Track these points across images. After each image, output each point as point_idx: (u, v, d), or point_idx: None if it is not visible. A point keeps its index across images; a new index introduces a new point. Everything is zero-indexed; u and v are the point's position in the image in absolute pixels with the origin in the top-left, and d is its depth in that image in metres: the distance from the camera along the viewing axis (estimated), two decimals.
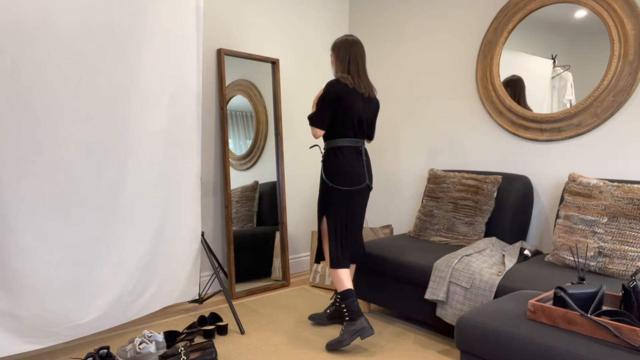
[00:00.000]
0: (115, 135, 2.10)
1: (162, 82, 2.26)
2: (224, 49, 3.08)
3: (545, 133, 2.66)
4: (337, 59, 2.41)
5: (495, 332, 1.53)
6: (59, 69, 1.90)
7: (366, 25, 3.75)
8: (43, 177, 1.90)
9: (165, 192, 2.34)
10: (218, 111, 3.11)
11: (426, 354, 2.24)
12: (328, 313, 2.61)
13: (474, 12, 3.02)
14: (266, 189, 3.31)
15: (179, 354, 2.01)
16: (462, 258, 2.30)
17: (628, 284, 1.46)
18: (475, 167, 3.05)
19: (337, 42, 2.42)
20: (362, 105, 2.38)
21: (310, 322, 2.63)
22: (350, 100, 2.33)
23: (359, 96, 2.37)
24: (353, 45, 2.39)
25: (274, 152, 3.35)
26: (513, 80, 2.81)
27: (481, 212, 2.63)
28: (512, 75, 2.81)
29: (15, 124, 1.81)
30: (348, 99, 2.33)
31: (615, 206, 2.11)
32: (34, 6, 1.81)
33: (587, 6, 2.46)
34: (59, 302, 1.98)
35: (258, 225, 3.27)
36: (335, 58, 2.42)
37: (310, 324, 2.60)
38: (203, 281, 3.06)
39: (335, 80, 2.35)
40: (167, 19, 2.24)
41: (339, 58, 2.41)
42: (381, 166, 3.67)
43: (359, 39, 2.54)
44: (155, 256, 2.32)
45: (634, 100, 2.34)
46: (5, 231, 1.82)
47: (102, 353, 1.97)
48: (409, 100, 3.44)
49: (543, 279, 2.01)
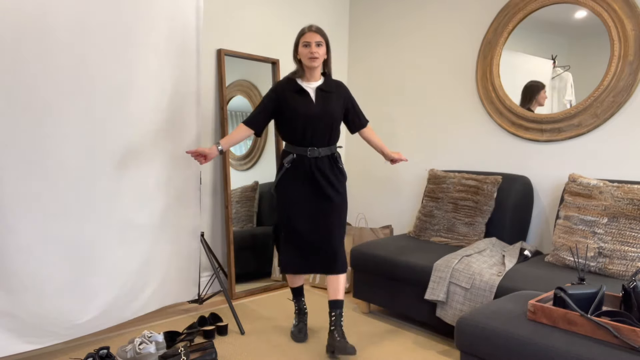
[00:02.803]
0: (115, 136, 2.10)
1: (162, 82, 2.26)
2: (224, 49, 3.08)
3: (545, 133, 2.66)
4: (328, 52, 2.26)
5: (495, 333, 1.53)
6: (58, 69, 1.90)
7: (366, 25, 3.75)
8: (42, 177, 1.90)
9: (165, 192, 2.34)
10: (218, 111, 3.11)
11: (426, 354, 2.24)
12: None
13: (474, 12, 3.02)
14: (266, 189, 3.31)
15: (179, 354, 2.01)
16: (462, 258, 2.30)
17: (628, 284, 1.46)
18: (475, 168, 3.05)
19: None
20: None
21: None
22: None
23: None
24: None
25: (274, 152, 3.35)
26: (530, 85, 2.74)
27: (481, 213, 2.63)
28: (531, 81, 2.74)
29: (15, 124, 1.81)
30: None
31: (615, 207, 2.10)
32: (34, 6, 1.81)
33: (587, 6, 2.46)
34: (58, 302, 1.98)
35: (258, 226, 3.27)
36: (328, 51, 2.26)
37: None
38: (203, 281, 3.06)
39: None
40: (167, 19, 2.24)
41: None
42: (381, 166, 3.67)
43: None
44: (155, 256, 2.32)
45: (634, 100, 2.34)
46: (5, 231, 1.82)
47: (102, 353, 1.97)
48: (409, 100, 3.44)
49: (543, 280, 2.01)
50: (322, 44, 2.18)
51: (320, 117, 2.20)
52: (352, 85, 3.89)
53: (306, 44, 2.17)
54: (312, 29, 2.17)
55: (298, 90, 2.22)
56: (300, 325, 2.44)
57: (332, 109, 2.23)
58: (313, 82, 2.25)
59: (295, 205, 2.25)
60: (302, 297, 2.50)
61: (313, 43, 2.15)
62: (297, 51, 2.23)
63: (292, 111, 2.19)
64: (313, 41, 2.15)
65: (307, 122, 2.19)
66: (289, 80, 2.26)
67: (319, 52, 2.16)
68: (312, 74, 2.23)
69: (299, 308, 2.49)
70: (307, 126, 2.19)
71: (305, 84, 2.24)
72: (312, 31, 2.17)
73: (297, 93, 2.22)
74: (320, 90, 2.24)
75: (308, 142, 2.22)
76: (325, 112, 2.21)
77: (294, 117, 2.19)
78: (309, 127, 2.20)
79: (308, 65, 2.19)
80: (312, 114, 2.19)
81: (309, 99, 2.22)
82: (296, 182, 2.24)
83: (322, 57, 2.19)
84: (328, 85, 2.26)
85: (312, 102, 2.21)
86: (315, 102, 2.22)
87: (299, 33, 2.21)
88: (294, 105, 2.20)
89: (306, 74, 2.24)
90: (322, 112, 2.20)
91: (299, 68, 2.25)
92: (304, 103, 2.20)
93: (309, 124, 2.19)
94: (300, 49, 2.20)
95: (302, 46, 2.18)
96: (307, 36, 2.16)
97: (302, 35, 2.19)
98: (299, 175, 2.24)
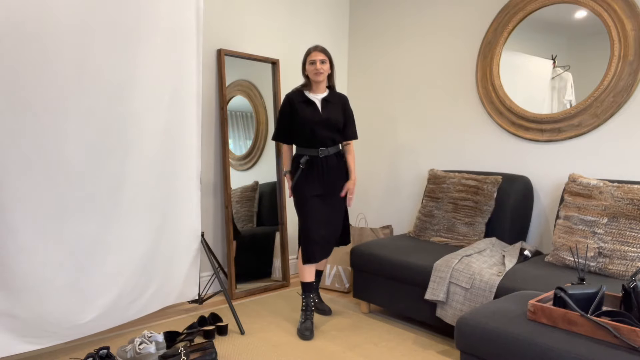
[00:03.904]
0: (115, 136, 2.10)
1: (162, 82, 2.26)
2: (224, 49, 3.08)
3: (545, 133, 2.66)
4: (332, 68, 2.63)
5: (495, 333, 1.53)
6: (59, 69, 1.90)
7: (366, 25, 3.75)
8: (43, 177, 1.90)
9: (165, 192, 2.34)
10: (218, 111, 3.11)
11: (426, 354, 2.24)
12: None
13: (474, 12, 3.02)
14: (266, 189, 3.31)
15: (179, 354, 2.01)
16: (462, 258, 2.30)
17: (628, 284, 1.46)
18: (475, 168, 3.05)
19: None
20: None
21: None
22: None
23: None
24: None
25: (274, 152, 3.35)
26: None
27: (481, 213, 2.63)
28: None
29: (15, 123, 1.81)
30: None
31: (615, 207, 2.11)
32: (34, 6, 1.81)
33: (587, 7, 2.46)
34: (59, 302, 1.98)
35: (258, 226, 3.27)
36: (332, 67, 2.61)
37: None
38: (203, 281, 3.06)
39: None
40: (167, 19, 2.24)
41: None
42: (381, 166, 3.67)
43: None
44: (155, 256, 2.32)
45: (634, 100, 2.34)
46: (5, 231, 1.82)
47: (102, 353, 1.97)
48: (409, 101, 3.44)
49: (543, 280, 2.01)
50: (325, 62, 2.53)
51: (325, 122, 2.54)
52: (352, 85, 3.89)
53: (312, 62, 2.52)
54: (317, 49, 2.52)
55: (306, 100, 2.57)
56: (307, 323, 2.48)
57: (335, 116, 2.58)
58: (319, 93, 2.60)
59: (311, 201, 2.54)
60: (312, 294, 2.57)
61: (318, 61, 2.51)
62: (305, 68, 2.58)
63: (302, 118, 2.54)
64: (318, 59, 2.51)
65: (315, 127, 2.53)
66: (298, 92, 2.60)
67: (323, 68, 2.52)
68: (318, 87, 2.59)
69: (307, 304, 2.54)
70: (315, 130, 2.53)
71: (312, 95, 2.59)
72: (317, 50, 2.52)
73: (305, 103, 2.57)
74: (325, 100, 2.59)
75: (318, 144, 2.55)
76: (330, 118, 2.56)
77: (304, 122, 2.53)
78: (317, 131, 2.53)
79: (314, 80, 2.55)
80: (318, 120, 2.53)
81: (316, 108, 2.56)
82: (311, 180, 2.55)
83: (326, 72, 2.55)
84: (332, 97, 2.62)
85: (318, 110, 2.56)
86: (321, 110, 2.56)
87: (306, 52, 2.56)
88: (303, 113, 2.54)
89: (313, 87, 2.59)
90: (327, 118, 2.55)
91: (307, 82, 2.60)
92: (311, 111, 2.55)
93: (317, 128, 2.53)
94: (307, 66, 2.55)
95: (309, 64, 2.54)
96: (313, 55, 2.52)
97: (309, 55, 2.54)
98: (313, 174, 2.55)
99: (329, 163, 2.56)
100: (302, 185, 2.55)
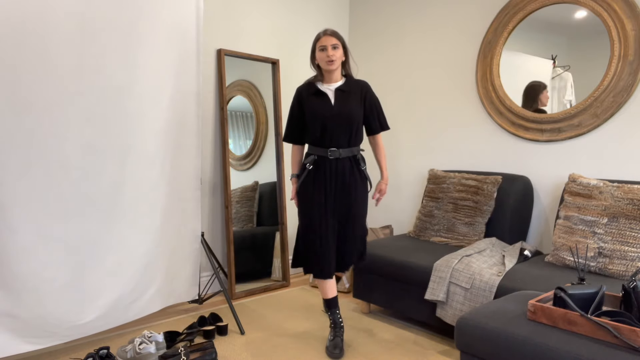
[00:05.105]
0: (115, 136, 2.10)
1: (162, 82, 2.26)
2: (224, 49, 3.08)
3: (545, 133, 2.66)
4: (346, 53, 2.25)
5: (495, 333, 1.53)
6: (59, 69, 1.90)
7: (366, 25, 3.75)
8: (43, 177, 1.90)
9: (165, 193, 2.34)
10: (218, 111, 3.11)
11: (426, 354, 2.24)
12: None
13: (474, 12, 3.02)
14: (266, 190, 3.31)
15: (179, 354, 2.01)
16: (462, 258, 2.30)
17: (628, 284, 1.46)
18: (476, 168, 3.05)
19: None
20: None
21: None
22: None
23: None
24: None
25: (274, 152, 3.35)
26: (532, 85, 2.73)
27: (481, 213, 2.63)
28: (533, 81, 2.73)
29: (15, 124, 1.81)
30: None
31: (615, 207, 2.11)
32: (34, 6, 1.81)
33: (587, 6, 2.46)
34: (59, 303, 1.98)
35: (258, 226, 3.27)
36: (346, 52, 2.24)
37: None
38: (203, 281, 3.06)
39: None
40: (167, 19, 2.24)
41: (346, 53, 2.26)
42: None
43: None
44: (155, 256, 2.32)
45: (634, 100, 2.34)
46: (5, 231, 1.82)
47: (102, 353, 1.97)
48: (409, 101, 3.44)
49: (543, 280, 2.01)
50: (338, 46, 2.16)
51: (338, 117, 2.17)
52: None
53: (322, 48, 2.16)
54: (327, 33, 2.16)
55: (316, 92, 2.22)
56: (336, 340, 2.23)
57: (350, 109, 2.19)
58: (333, 83, 2.23)
59: (315, 207, 2.21)
60: (337, 310, 2.31)
61: (329, 46, 2.14)
62: (314, 56, 2.22)
63: (311, 113, 2.20)
64: (329, 44, 2.14)
65: (326, 123, 2.17)
66: (308, 84, 2.27)
67: (336, 55, 2.15)
68: (331, 77, 2.22)
69: (334, 321, 2.29)
70: (325, 127, 2.18)
71: (324, 86, 2.24)
72: (328, 34, 2.15)
73: (316, 95, 2.22)
74: (340, 90, 2.21)
75: (328, 143, 2.20)
76: (343, 112, 2.17)
77: (313, 118, 2.19)
78: (328, 128, 2.18)
79: (326, 69, 2.19)
80: (330, 115, 2.17)
81: (327, 100, 2.20)
82: (317, 183, 2.22)
83: (339, 59, 2.18)
84: (348, 86, 2.23)
85: (330, 103, 2.19)
86: (333, 103, 2.19)
87: (315, 38, 2.20)
88: (312, 107, 2.20)
89: (325, 77, 2.24)
90: (340, 113, 2.17)
91: (317, 73, 2.26)
92: (322, 104, 2.19)
93: (328, 124, 2.17)
94: (318, 53, 2.19)
95: (319, 50, 2.18)
96: (323, 40, 2.15)
97: (318, 40, 2.18)
98: (320, 177, 2.21)
99: (338, 168, 2.19)
100: (308, 188, 2.23)
